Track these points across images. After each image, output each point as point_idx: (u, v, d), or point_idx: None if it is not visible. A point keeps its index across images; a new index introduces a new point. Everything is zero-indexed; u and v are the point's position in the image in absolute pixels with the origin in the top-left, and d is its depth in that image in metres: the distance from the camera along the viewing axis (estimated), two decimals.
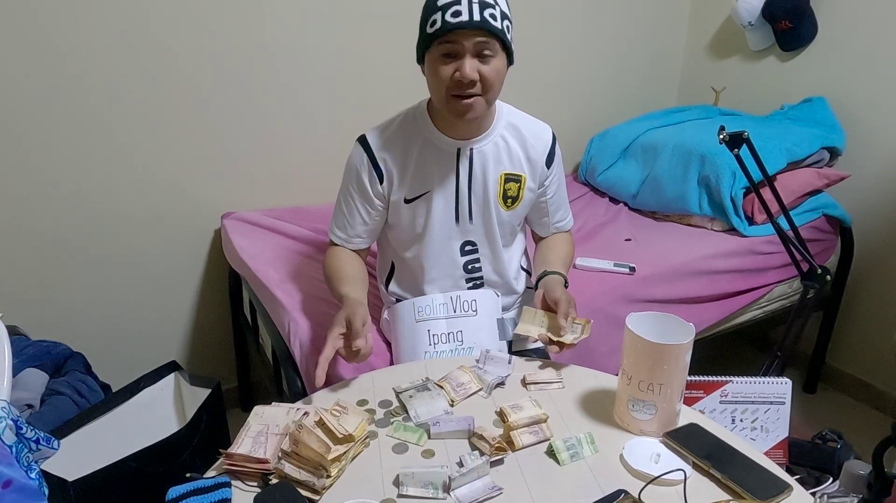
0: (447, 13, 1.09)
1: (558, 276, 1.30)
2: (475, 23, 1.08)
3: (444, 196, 1.28)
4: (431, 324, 1.30)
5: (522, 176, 1.30)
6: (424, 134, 1.26)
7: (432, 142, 1.25)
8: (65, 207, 1.78)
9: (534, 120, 1.33)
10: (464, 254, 1.34)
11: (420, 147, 1.26)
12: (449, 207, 1.29)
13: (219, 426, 1.55)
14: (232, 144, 1.95)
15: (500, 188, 1.29)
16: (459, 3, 1.09)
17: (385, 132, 1.27)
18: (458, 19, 1.08)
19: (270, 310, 1.62)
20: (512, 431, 0.96)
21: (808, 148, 2.06)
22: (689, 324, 0.95)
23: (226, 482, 0.86)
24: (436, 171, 1.26)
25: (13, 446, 0.86)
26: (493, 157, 1.27)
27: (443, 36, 1.10)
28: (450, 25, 1.09)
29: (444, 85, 1.14)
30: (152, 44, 1.76)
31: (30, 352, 1.57)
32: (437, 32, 1.10)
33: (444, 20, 1.09)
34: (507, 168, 1.29)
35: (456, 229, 1.31)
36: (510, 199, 1.31)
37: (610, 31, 2.50)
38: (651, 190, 2.18)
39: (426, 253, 1.32)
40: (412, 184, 1.27)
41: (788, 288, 2.04)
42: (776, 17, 2.22)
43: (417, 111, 1.28)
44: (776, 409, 1.17)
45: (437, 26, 1.10)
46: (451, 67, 1.13)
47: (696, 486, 0.87)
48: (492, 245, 1.34)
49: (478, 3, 1.09)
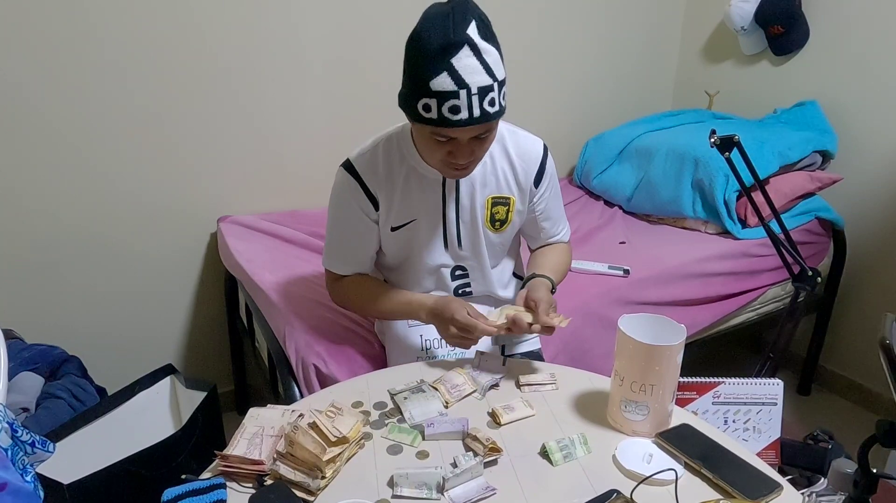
0: (444, 107, 1.00)
1: (545, 280, 1.24)
2: (475, 119, 1.01)
3: (431, 224, 1.23)
4: (424, 329, 1.30)
5: (511, 198, 1.25)
6: (409, 161, 1.19)
7: (417, 169, 1.19)
8: (60, 211, 1.79)
9: (524, 135, 1.26)
10: (454, 278, 1.32)
11: (405, 175, 1.20)
12: (437, 234, 1.25)
13: (214, 429, 1.55)
14: (228, 148, 1.96)
15: (487, 212, 1.24)
16: (457, 97, 0.99)
17: (370, 159, 1.20)
18: (458, 117, 1.00)
19: (266, 314, 1.63)
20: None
21: (800, 151, 2.08)
22: (680, 326, 0.96)
23: (221, 484, 0.86)
24: (421, 198, 1.21)
25: (9, 449, 0.86)
26: (480, 181, 1.22)
27: (440, 128, 1.03)
28: (449, 123, 1.01)
29: (436, 155, 1.09)
30: (148, 48, 1.76)
31: (25, 355, 1.57)
32: (432, 122, 1.02)
33: (441, 115, 1.00)
34: (494, 191, 1.24)
35: (446, 255, 1.28)
36: (498, 223, 1.27)
37: (604, 36, 2.51)
38: (645, 193, 2.20)
39: (415, 278, 1.30)
40: (398, 212, 1.22)
41: (781, 290, 2.05)
42: (768, 22, 2.24)
43: (400, 137, 1.20)
44: (768, 410, 1.18)
45: (433, 117, 1.01)
46: (445, 149, 1.07)
47: (687, 486, 0.87)
48: (481, 267, 1.31)
49: (477, 93, 0.99)
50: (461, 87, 0.99)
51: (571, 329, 1.59)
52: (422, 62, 1.00)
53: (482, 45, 1.00)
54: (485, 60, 1.00)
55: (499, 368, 1.16)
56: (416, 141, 1.15)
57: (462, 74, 0.99)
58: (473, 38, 0.99)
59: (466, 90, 0.99)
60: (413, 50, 1.02)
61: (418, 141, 1.13)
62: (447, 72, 0.98)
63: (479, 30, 1.00)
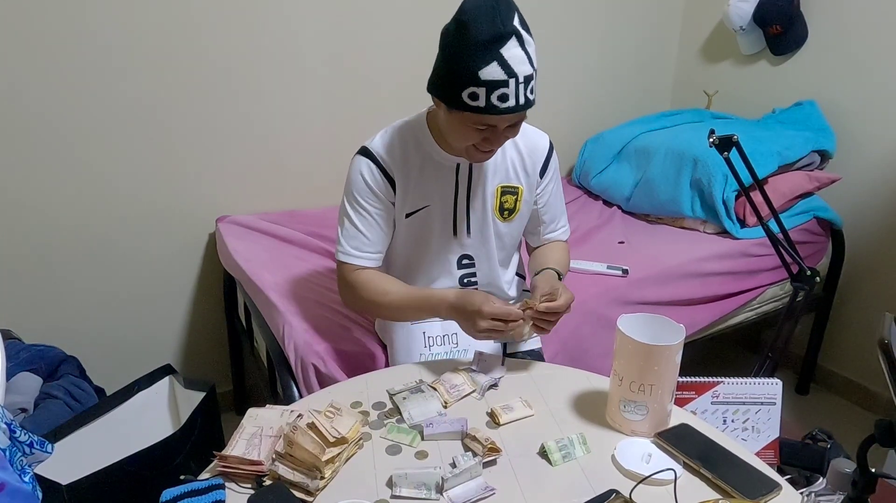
0: (493, 95, 1.03)
1: (552, 271, 1.24)
2: (521, 107, 1.05)
3: (443, 210, 1.26)
4: (426, 326, 1.30)
5: (519, 188, 1.29)
6: (426, 148, 1.22)
7: (433, 157, 1.22)
8: (58, 211, 1.78)
9: (531, 129, 1.30)
10: (461, 267, 1.33)
11: (421, 161, 1.22)
12: (447, 221, 1.27)
13: (213, 430, 1.55)
14: (227, 148, 1.96)
15: (496, 200, 1.27)
16: (507, 86, 1.02)
17: (387, 145, 1.22)
18: (506, 104, 1.03)
19: (265, 314, 1.63)
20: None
21: (799, 151, 2.08)
22: (679, 326, 0.96)
23: (220, 484, 0.86)
24: (436, 185, 1.24)
25: (7, 450, 0.86)
26: (491, 170, 1.25)
27: (486, 116, 1.05)
28: (497, 110, 1.04)
29: (469, 141, 1.12)
30: (146, 48, 1.76)
31: (24, 356, 1.57)
32: (479, 110, 1.04)
33: (491, 103, 1.03)
34: (503, 180, 1.27)
35: (454, 243, 1.29)
36: (507, 212, 1.29)
37: (603, 36, 2.51)
38: (644, 193, 2.20)
39: (422, 266, 1.31)
40: (413, 198, 1.24)
41: (780, 290, 2.05)
42: (767, 22, 2.24)
43: (416, 126, 1.23)
44: (767, 410, 1.18)
45: (481, 105, 1.04)
46: (481, 135, 1.10)
47: (686, 486, 0.87)
48: (488, 258, 1.33)
49: (523, 82, 1.04)
50: (511, 76, 1.03)
51: (570, 329, 1.60)
52: (470, 52, 1.02)
53: (525, 36, 1.05)
54: (528, 51, 1.05)
55: (498, 368, 1.16)
56: (448, 128, 1.14)
57: (511, 64, 1.02)
58: (519, 29, 1.03)
59: (515, 79, 1.03)
60: (459, 40, 1.04)
61: (451, 128, 1.13)
62: (497, 61, 1.02)
63: (521, 21, 1.05)
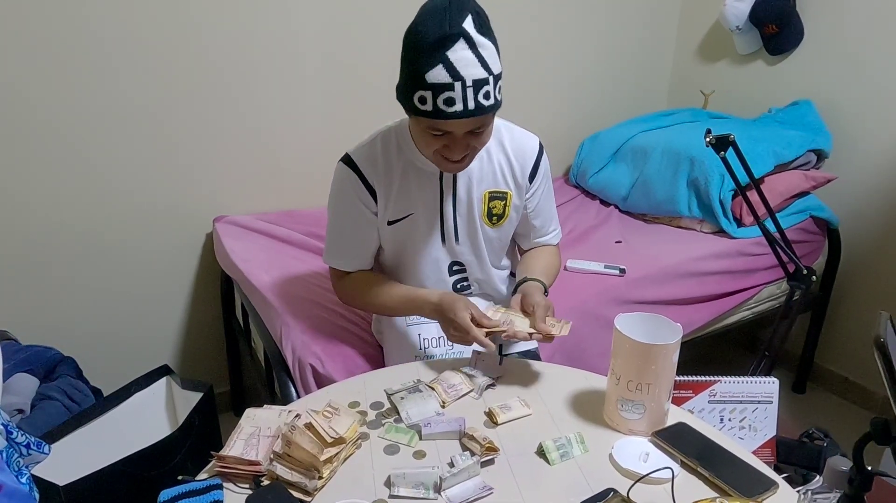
0: (439, 99, 1.00)
1: (538, 283, 1.23)
2: (469, 112, 1.01)
3: (429, 218, 1.24)
4: (423, 328, 1.30)
5: (508, 193, 1.26)
6: (407, 155, 1.20)
7: (414, 163, 1.20)
8: (55, 211, 1.78)
9: (520, 132, 1.27)
10: (452, 273, 1.32)
11: (403, 169, 1.20)
12: (434, 229, 1.26)
13: (211, 430, 1.55)
14: (224, 148, 1.96)
15: (484, 206, 1.25)
16: (452, 90, 0.99)
17: (368, 152, 1.21)
18: (452, 109, 1.01)
19: (262, 314, 1.63)
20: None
21: (795, 150, 2.08)
22: (676, 325, 0.97)
23: (217, 484, 0.86)
24: (419, 193, 1.22)
25: (4, 451, 0.86)
26: (477, 175, 1.23)
27: (436, 121, 1.04)
28: (444, 115, 1.01)
29: (431, 148, 1.10)
30: (144, 47, 1.76)
31: (20, 356, 1.57)
32: (427, 114, 1.03)
33: (437, 107, 1.01)
34: (490, 186, 1.25)
35: (443, 250, 1.28)
36: (495, 217, 1.27)
37: (600, 35, 2.52)
38: (641, 192, 2.20)
39: (413, 272, 1.30)
40: (395, 206, 1.22)
41: (777, 289, 2.06)
42: (763, 22, 2.25)
43: (398, 132, 1.21)
44: (764, 409, 1.18)
45: (428, 109, 1.02)
46: (440, 142, 1.08)
47: (683, 485, 0.88)
48: (480, 263, 1.32)
49: (472, 85, 1.00)
50: (456, 79, 0.99)
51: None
52: (418, 54, 1.01)
53: (478, 38, 1.00)
54: (480, 53, 1.01)
55: (496, 368, 1.16)
56: (413, 134, 1.15)
57: (457, 67, 0.99)
58: (469, 31, 1.00)
59: (461, 82, 1.00)
60: (410, 42, 1.03)
61: (415, 134, 1.14)
62: (442, 64, 0.99)
63: (475, 23, 1.01)
